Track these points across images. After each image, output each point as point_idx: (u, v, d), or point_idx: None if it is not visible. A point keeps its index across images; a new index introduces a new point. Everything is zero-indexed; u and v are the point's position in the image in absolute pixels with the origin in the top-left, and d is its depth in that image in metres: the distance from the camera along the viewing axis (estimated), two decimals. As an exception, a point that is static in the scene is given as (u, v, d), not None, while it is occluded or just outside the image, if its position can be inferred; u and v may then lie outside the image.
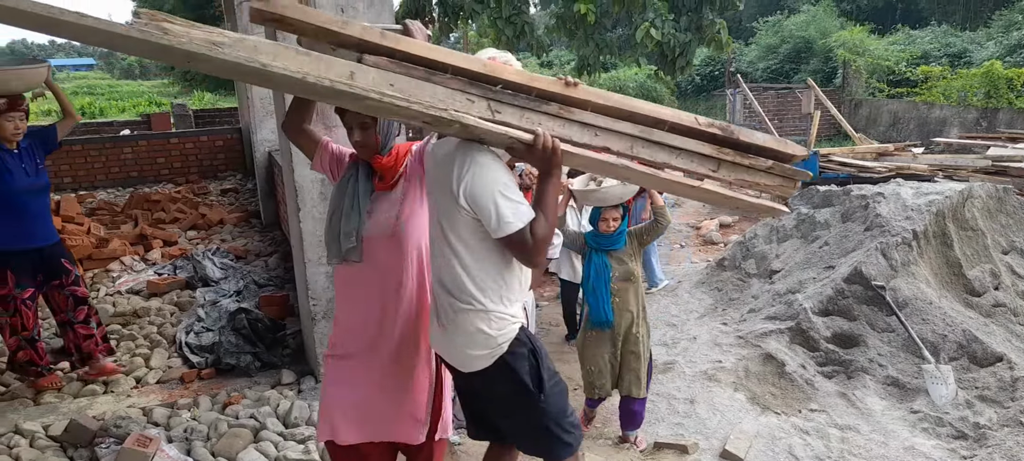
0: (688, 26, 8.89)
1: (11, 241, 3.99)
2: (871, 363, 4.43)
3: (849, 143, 13.12)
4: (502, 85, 1.88)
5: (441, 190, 2.10)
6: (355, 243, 2.43)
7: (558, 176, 2.02)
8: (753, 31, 26.98)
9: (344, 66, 1.69)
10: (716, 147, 2.03)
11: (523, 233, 1.95)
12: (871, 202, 5.55)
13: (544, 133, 1.91)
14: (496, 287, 2.11)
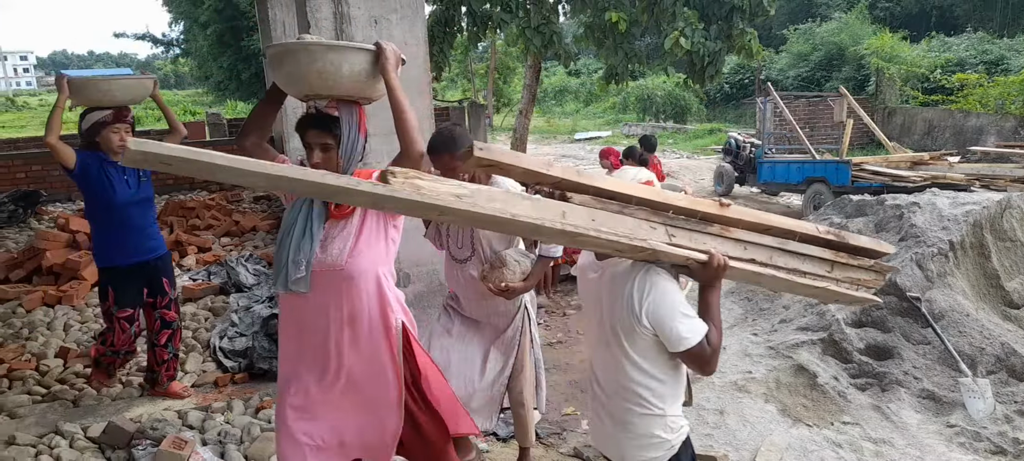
0: (718, 35, 8.86)
1: (114, 256, 3.89)
2: (906, 376, 4.36)
3: (882, 152, 12.92)
4: (672, 211, 2.09)
5: (617, 305, 2.17)
6: (304, 273, 2.38)
7: (720, 287, 2.18)
8: (783, 39, 26.71)
9: (557, 207, 1.87)
10: (833, 251, 2.34)
11: (701, 345, 2.06)
12: (906, 212, 5.46)
13: (716, 253, 2.07)
14: (672, 393, 2.22)
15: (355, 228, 2.46)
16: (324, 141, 2.42)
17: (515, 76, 28.98)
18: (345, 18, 3.64)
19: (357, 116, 2.47)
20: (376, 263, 2.50)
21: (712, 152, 19.10)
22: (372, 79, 2.38)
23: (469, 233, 3.07)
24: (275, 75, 2.45)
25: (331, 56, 2.29)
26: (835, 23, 24.70)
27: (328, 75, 2.30)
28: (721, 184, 12.75)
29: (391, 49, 2.35)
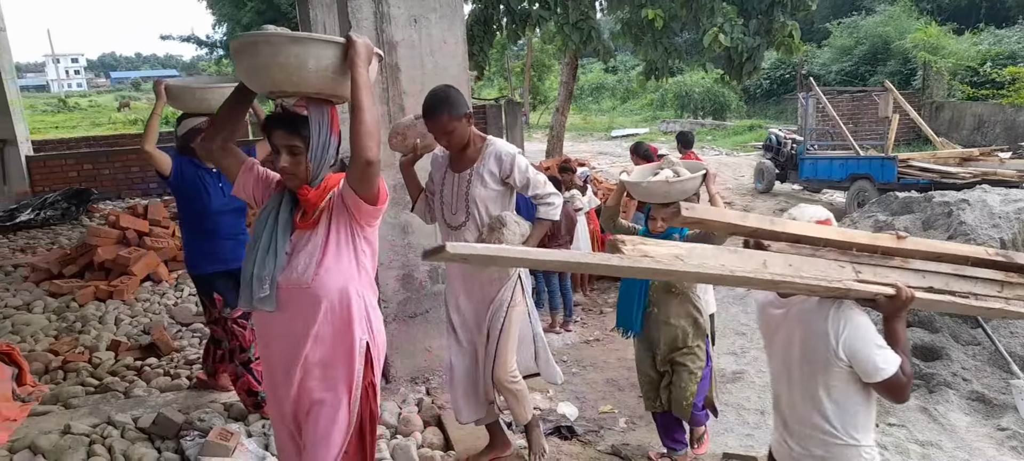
0: (757, 30, 8.73)
1: (210, 263, 3.79)
2: (954, 377, 4.25)
3: (930, 148, 12.59)
4: (856, 248, 2.17)
5: (810, 340, 2.20)
6: (268, 291, 2.25)
7: (905, 316, 2.20)
8: (826, 32, 26.16)
9: (759, 257, 1.96)
10: (1003, 272, 2.39)
11: (897, 375, 2.09)
12: (955, 209, 5.32)
13: (903, 286, 2.12)
14: (865, 423, 2.25)
15: (321, 241, 2.29)
16: (291, 143, 2.24)
17: (551, 73, 28.94)
18: (385, 17, 3.68)
19: (328, 116, 2.28)
20: (347, 280, 2.31)
21: (752, 149, 18.82)
22: (343, 75, 2.16)
23: (463, 197, 2.98)
24: (238, 69, 2.26)
25: (295, 49, 2.09)
26: (880, 16, 24.09)
27: (292, 69, 2.10)
28: (761, 181, 12.56)
29: (363, 43, 2.16)
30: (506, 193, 3.03)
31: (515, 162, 2.97)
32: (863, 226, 6.05)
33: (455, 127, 2.83)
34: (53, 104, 44.62)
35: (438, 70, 3.90)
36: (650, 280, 3.43)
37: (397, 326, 4.27)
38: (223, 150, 2.37)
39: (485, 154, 2.97)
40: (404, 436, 3.66)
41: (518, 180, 2.97)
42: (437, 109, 2.81)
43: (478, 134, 3.03)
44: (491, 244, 2.74)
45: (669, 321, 3.45)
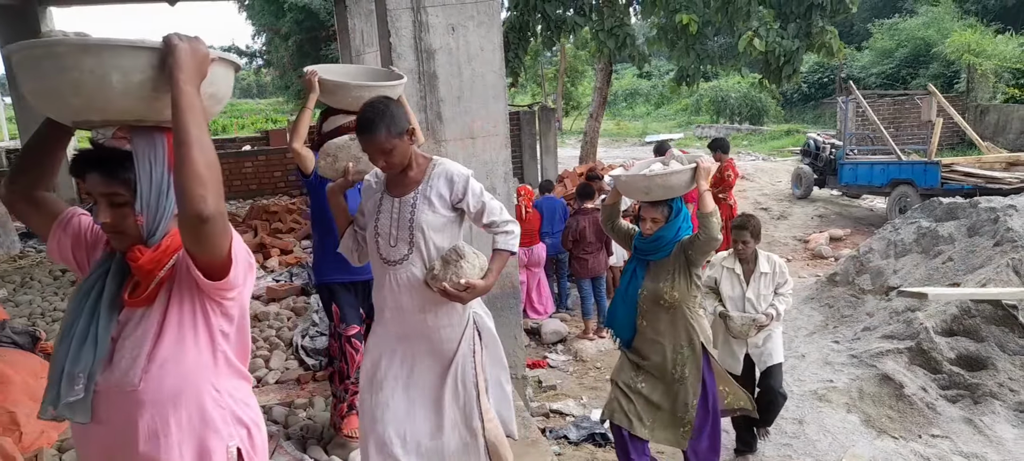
0: (796, 33, 8.62)
1: (336, 272, 3.52)
2: (1001, 388, 4.14)
3: (975, 152, 12.26)
4: None
5: None
6: (82, 395, 1.58)
7: None
8: (867, 34, 25.66)
9: None
10: None
11: None
12: (1001, 215, 5.19)
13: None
14: None
15: (154, 325, 1.63)
16: (111, 191, 1.63)
17: (584, 79, 28.89)
18: (423, 26, 3.73)
19: (162, 148, 1.63)
20: (196, 379, 1.66)
21: (789, 154, 18.55)
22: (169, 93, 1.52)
23: (406, 225, 2.46)
24: (24, 93, 1.60)
25: (89, 62, 1.49)
26: (922, 18, 23.56)
27: (90, 90, 1.51)
28: (799, 187, 12.37)
29: (187, 47, 1.53)
30: (456, 221, 2.55)
31: (469, 185, 2.51)
32: (905, 233, 5.93)
33: (395, 145, 2.37)
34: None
35: (475, 78, 3.94)
36: (641, 286, 3.21)
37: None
38: (28, 200, 1.74)
39: (432, 174, 2.51)
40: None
41: (472, 205, 2.50)
42: (374, 125, 2.34)
43: (421, 154, 2.60)
44: (447, 281, 2.36)
45: (657, 339, 3.18)
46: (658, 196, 3.11)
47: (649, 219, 3.15)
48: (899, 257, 5.82)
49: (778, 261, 3.76)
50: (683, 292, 3.15)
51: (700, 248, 3.10)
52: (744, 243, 3.68)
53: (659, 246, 3.16)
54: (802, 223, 10.32)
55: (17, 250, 8.66)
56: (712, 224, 3.04)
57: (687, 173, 3.05)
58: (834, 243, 9.00)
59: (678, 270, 3.15)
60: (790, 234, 9.66)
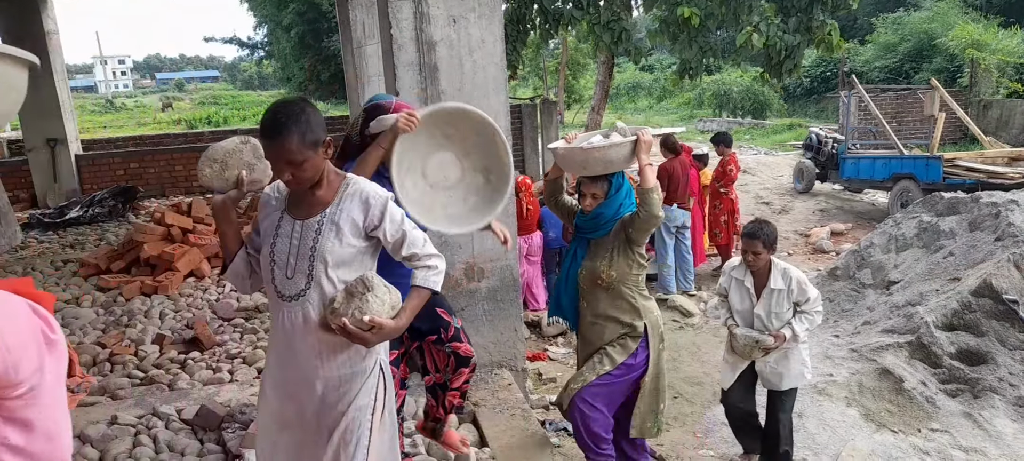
0: (797, 27, 8.59)
1: None
2: (1001, 382, 4.14)
3: (977, 147, 12.24)
4: None
5: None
6: None
7: None
8: (870, 28, 25.58)
9: None
10: None
11: None
12: (1003, 210, 5.18)
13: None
14: None
15: None
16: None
17: (586, 72, 28.84)
18: (424, 17, 3.72)
19: None
20: None
21: (791, 148, 18.52)
22: None
23: (306, 254, 2.05)
24: None
25: None
26: (926, 12, 23.48)
27: None
28: (801, 181, 12.36)
29: None
30: (368, 253, 2.14)
31: (387, 210, 2.10)
32: (906, 227, 5.92)
33: (307, 158, 1.96)
34: (101, 105, 46.00)
35: (477, 70, 3.93)
36: (579, 266, 3.05)
37: (433, 323, 4.30)
38: None
39: (344, 196, 2.09)
40: (439, 432, 3.70)
41: (389, 234, 2.10)
42: (285, 128, 1.92)
43: (335, 171, 2.16)
44: (348, 317, 1.96)
45: (597, 320, 3.05)
46: (597, 170, 2.93)
47: (589, 195, 2.98)
48: (900, 252, 5.82)
49: (796, 276, 3.33)
50: (622, 271, 2.98)
51: (640, 226, 2.91)
52: (755, 254, 3.29)
53: (599, 223, 3.01)
54: (803, 217, 10.32)
55: (19, 241, 8.67)
56: (652, 201, 2.85)
57: (627, 146, 2.87)
58: (835, 238, 9.00)
59: (618, 249, 2.98)
60: (791, 228, 9.65)
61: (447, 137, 2.72)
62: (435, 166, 2.71)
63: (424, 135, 2.66)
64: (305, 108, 2.00)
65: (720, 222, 7.59)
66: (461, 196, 2.75)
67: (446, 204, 2.73)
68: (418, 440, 3.63)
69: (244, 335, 5.29)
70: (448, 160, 2.74)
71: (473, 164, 2.75)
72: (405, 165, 2.65)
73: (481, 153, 2.73)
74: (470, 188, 2.76)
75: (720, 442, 3.91)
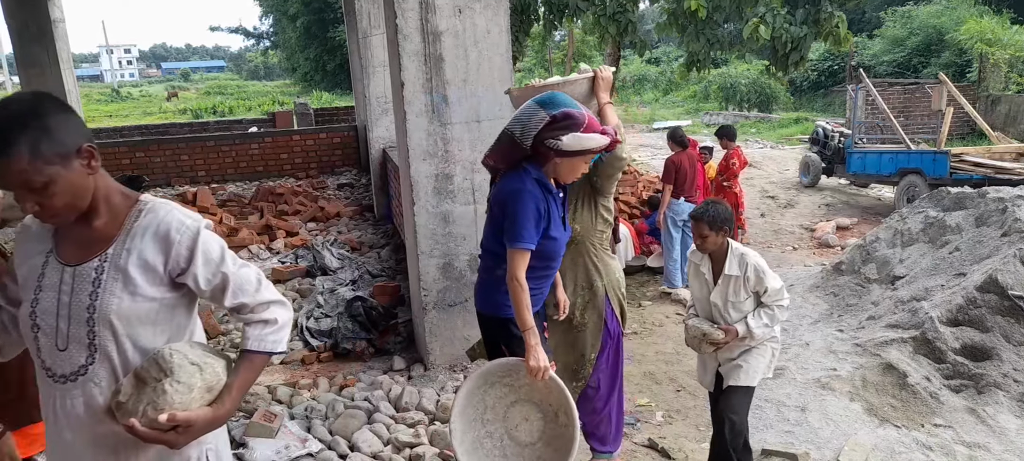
0: (804, 19, 8.54)
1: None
2: (1005, 378, 4.12)
3: (985, 142, 12.17)
4: None
5: None
6: None
7: None
8: (879, 22, 25.43)
9: None
10: None
11: None
12: (1010, 205, 5.15)
13: None
14: None
15: None
16: None
17: (592, 64, 28.70)
18: (430, 7, 3.72)
19: None
20: None
21: (798, 142, 18.45)
22: None
23: (82, 316, 1.45)
24: None
25: None
26: (936, 6, 23.32)
27: None
28: (807, 175, 12.31)
29: None
30: (180, 306, 1.57)
31: (198, 244, 1.52)
32: (912, 222, 5.90)
33: (52, 177, 1.38)
34: (107, 94, 46.06)
35: (482, 60, 3.93)
36: None
37: (437, 314, 4.32)
38: None
39: (134, 228, 1.50)
40: (442, 422, 3.72)
41: (203, 278, 1.53)
42: (8, 140, 1.33)
43: (119, 189, 1.56)
44: (140, 416, 1.41)
45: (564, 278, 2.85)
46: None
47: None
48: (906, 247, 5.80)
49: (754, 262, 2.99)
50: (586, 225, 2.90)
51: (606, 172, 2.81)
52: (702, 237, 2.97)
53: None
54: (809, 212, 10.29)
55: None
56: (619, 136, 2.65)
57: (584, 83, 2.73)
58: (841, 232, 8.97)
59: (582, 200, 2.89)
60: (797, 222, 9.63)
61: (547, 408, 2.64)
62: (519, 415, 2.60)
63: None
64: (38, 106, 1.38)
65: (724, 216, 7.59)
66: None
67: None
68: (421, 431, 3.64)
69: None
70: (534, 418, 2.63)
71: (533, 453, 2.66)
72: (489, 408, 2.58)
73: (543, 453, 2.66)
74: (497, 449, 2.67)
75: (723, 435, 3.92)
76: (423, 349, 4.46)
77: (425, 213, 4.14)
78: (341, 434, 3.58)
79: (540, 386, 2.51)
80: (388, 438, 3.57)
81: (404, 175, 4.27)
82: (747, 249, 3.07)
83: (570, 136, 2.37)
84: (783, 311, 3.04)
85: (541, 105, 2.43)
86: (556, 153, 2.40)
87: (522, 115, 2.46)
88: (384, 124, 8.60)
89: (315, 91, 31.25)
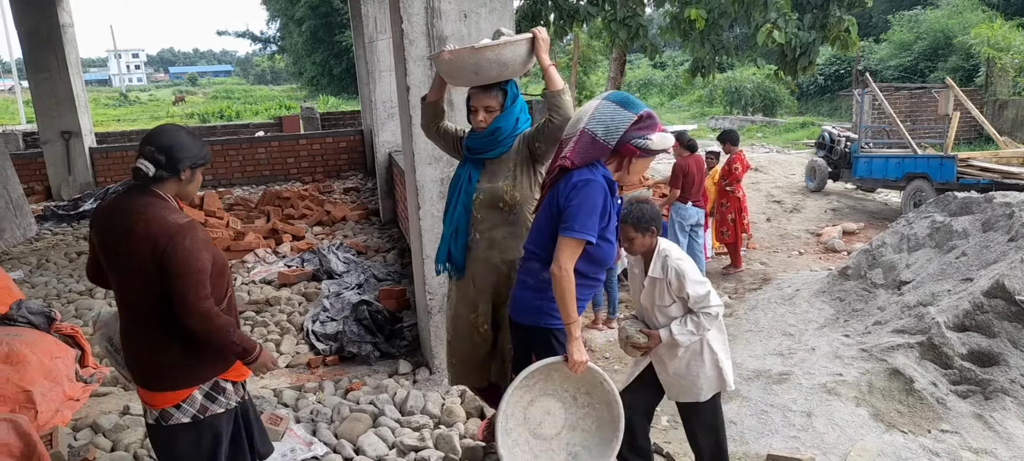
0: (812, 24, 8.53)
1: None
2: (1012, 384, 4.10)
3: (992, 147, 12.13)
4: None
5: None
6: None
7: None
8: (885, 26, 25.38)
9: None
10: None
11: None
12: (1017, 210, 5.13)
13: None
14: None
15: None
16: None
17: (597, 69, 28.77)
18: (435, 12, 3.73)
19: None
20: None
21: (804, 146, 18.41)
22: None
23: None
24: None
25: None
26: (943, 10, 23.25)
27: None
28: (813, 180, 12.29)
29: None
30: None
31: None
32: (919, 227, 5.88)
33: None
34: (115, 98, 46.33)
35: (486, 65, 3.93)
36: (475, 189, 2.73)
37: (442, 318, 4.32)
38: None
39: None
40: (447, 426, 3.72)
41: None
42: None
43: None
44: None
45: (491, 253, 2.71)
46: (491, 75, 2.60)
47: (481, 109, 2.67)
48: (912, 251, 5.77)
49: (676, 266, 2.75)
50: (525, 193, 2.74)
51: (550, 135, 2.63)
52: (628, 240, 2.76)
53: (497, 140, 2.71)
54: (815, 216, 10.26)
55: (33, 233, 8.76)
56: (564, 103, 2.63)
57: (523, 45, 2.58)
58: (847, 237, 8.95)
59: (520, 166, 2.73)
60: (803, 227, 9.60)
61: (574, 398, 2.67)
62: (539, 412, 2.61)
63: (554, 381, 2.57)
64: None
65: (727, 220, 7.57)
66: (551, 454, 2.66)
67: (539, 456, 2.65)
68: (426, 434, 3.65)
69: (255, 328, 5.33)
70: (555, 409, 2.63)
71: (570, 439, 2.70)
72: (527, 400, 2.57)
73: (585, 439, 2.69)
74: (542, 450, 2.67)
75: (728, 440, 3.90)
76: (428, 353, 4.47)
77: (430, 217, 4.15)
78: (346, 437, 3.59)
79: (573, 377, 2.52)
80: (393, 442, 3.57)
81: (409, 179, 4.28)
82: (674, 251, 2.85)
83: (658, 135, 2.42)
84: (710, 320, 2.80)
85: (621, 104, 2.45)
86: (642, 153, 2.42)
87: (603, 115, 2.45)
88: (390, 128, 8.62)
89: (321, 95, 31.37)
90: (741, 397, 4.39)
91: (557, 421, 2.62)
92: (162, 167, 2.22)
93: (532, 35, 2.58)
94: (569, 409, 2.63)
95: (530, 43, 2.61)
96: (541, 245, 2.54)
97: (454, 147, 2.96)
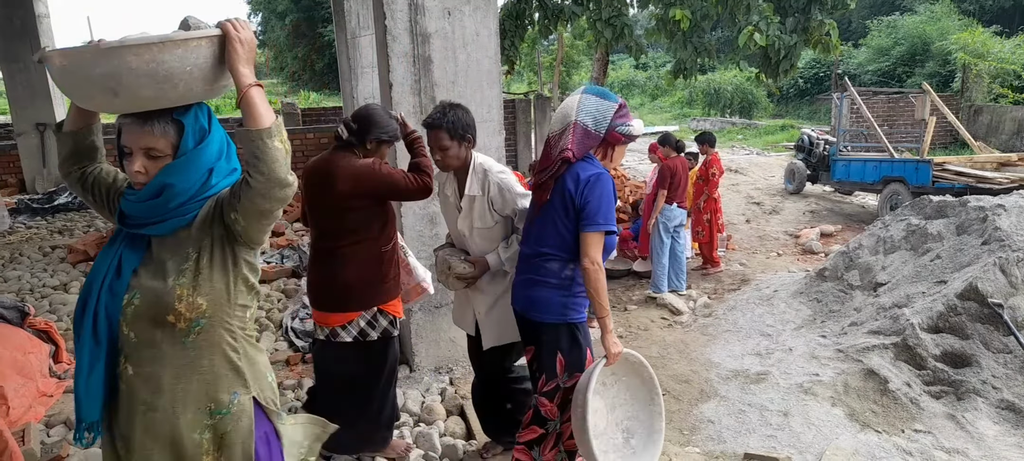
0: (794, 27, 8.62)
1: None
2: (984, 385, 4.18)
3: (967, 152, 12.33)
4: None
5: None
6: None
7: None
8: (864, 31, 25.71)
9: None
10: None
11: None
12: (990, 214, 5.22)
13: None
14: None
15: None
16: None
17: (580, 69, 28.84)
18: (419, 9, 3.72)
19: None
20: None
21: (783, 149, 18.60)
22: None
23: None
24: None
25: None
26: (920, 16, 23.60)
27: None
28: (792, 182, 12.42)
29: None
30: None
31: None
32: (895, 230, 5.97)
33: None
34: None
35: (471, 63, 3.93)
36: (125, 287, 1.58)
37: (422, 316, 4.32)
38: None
39: None
40: (427, 424, 3.71)
41: None
42: None
43: None
44: None
45: (155, 399, 1.59)
46: (145, 97, 1.49)
47: (138, 152, 1.56)
48: (888, 254, 5.86)
49: (498, 180, 2.56)
50: (216, 298, 1.64)
51: (248, 203, 1.56)
52: (442, 149, 2.55)
53: (166, 207, 1.58)
54: (794, 218, 10.37)
55: (6, 226, 8.61)
56: (269, 152, 1.53)
57: (202, 46, 1.51)
58: (825, 239, 9.05)
59: (207, 253, 1.62)
60: (782, 229, 9.70)
61: (603, 384, 2.67)
62: (594, 418, 2.58)
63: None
64: None
65: (703, 221, 7.62)
66: None
67: None
68: (406, 433, 3.63)
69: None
70: (598, 408, 2.64)
71: (616, 419, 2.71)
72: None
73: (628, 410, 2.73)
74: (609, 444, 2.66)
75: (706, 439, 3.94)
76: (409, 351, 4.46)
77: (412, 215, 4.14)
78: (325, 435, 3.56)
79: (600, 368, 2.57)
80: (372, 439, 3.55)
81: (391, 176, 4.26)
82: (493, 164, 2.62)
83: (637, 121, 2.56)
84: None
85: (600, 96, 2.57)
86: (625, 139, 2.56)
87: (589, 107, 2.54)
88: (372, 125, 8.59)
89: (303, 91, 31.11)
90: (719, 396, 4.43)
91: (602, 412, 2.69)
92: (353, 133, 2.73)
93: (218, 31, 1.56)
94: (604, 396, 2.69)
95: (216, 43, 1.56)
96: (558, 244, 2.51)
97: (109, 205, 1.79)
